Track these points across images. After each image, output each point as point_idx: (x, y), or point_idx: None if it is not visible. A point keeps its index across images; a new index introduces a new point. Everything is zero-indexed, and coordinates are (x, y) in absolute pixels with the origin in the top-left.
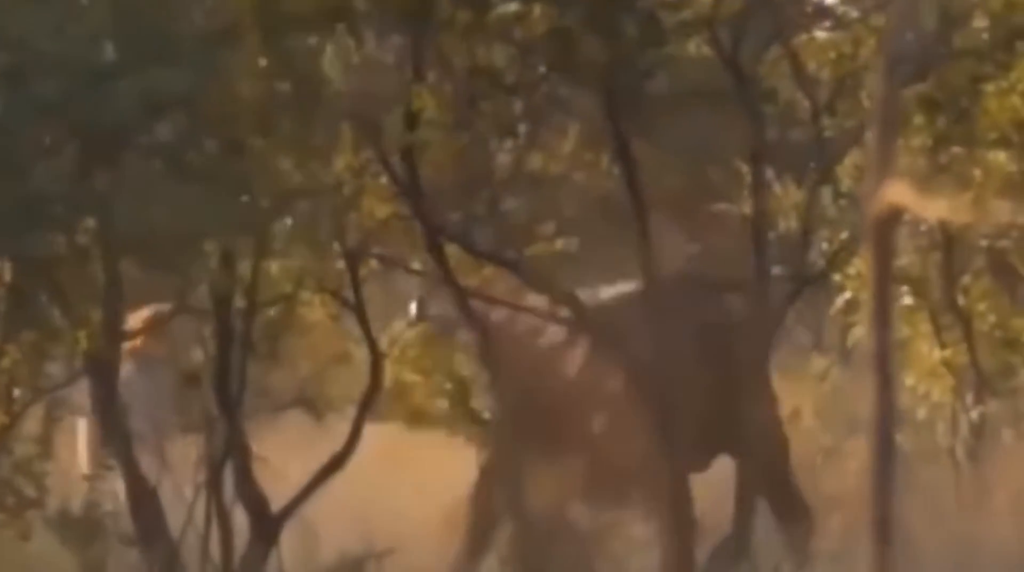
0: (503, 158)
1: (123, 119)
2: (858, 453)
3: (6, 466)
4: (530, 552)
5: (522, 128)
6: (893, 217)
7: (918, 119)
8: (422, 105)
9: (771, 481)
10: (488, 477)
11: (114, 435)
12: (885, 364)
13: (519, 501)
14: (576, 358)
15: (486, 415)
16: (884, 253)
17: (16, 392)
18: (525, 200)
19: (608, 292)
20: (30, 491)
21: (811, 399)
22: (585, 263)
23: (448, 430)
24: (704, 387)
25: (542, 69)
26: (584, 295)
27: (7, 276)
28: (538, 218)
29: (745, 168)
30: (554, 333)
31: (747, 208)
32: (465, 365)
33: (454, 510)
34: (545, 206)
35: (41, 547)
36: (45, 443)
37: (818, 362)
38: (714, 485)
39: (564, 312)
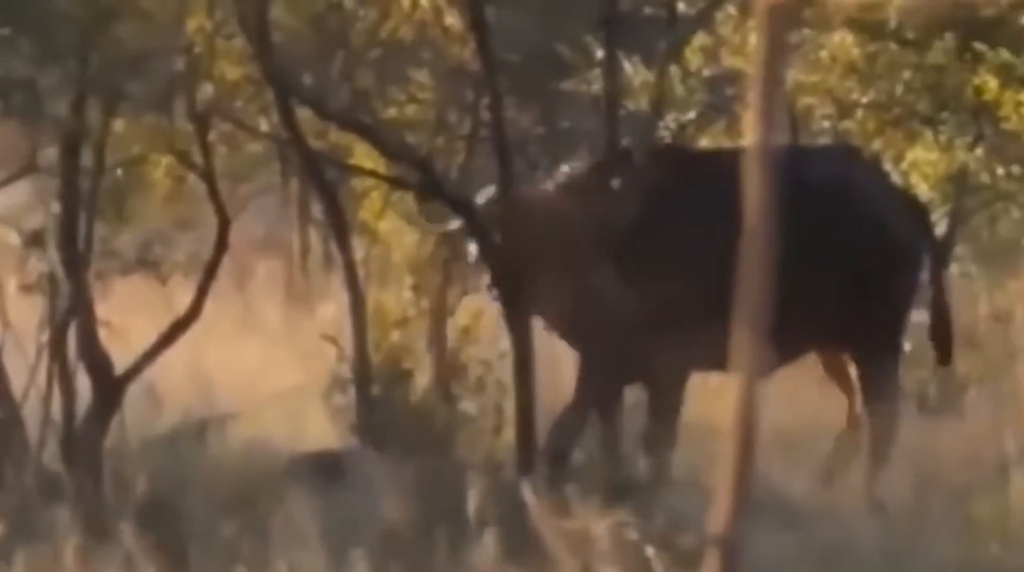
0: (358, 23)
1: None
2: None
3: None
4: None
5: None
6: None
7: None
8: None
9: None
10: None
11: None
12: (766, 154)
13: None
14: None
15: None
16: (776, 43)
17: None
18: (378, 65)
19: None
20: None
21: None
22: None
23: None
24: None
25: None
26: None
27: None
28: (391, 84)
29: (595, 44)
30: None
31: (596, 85)
32: None
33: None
34: (399, 72)
35: None
36: None
37: None
38: None
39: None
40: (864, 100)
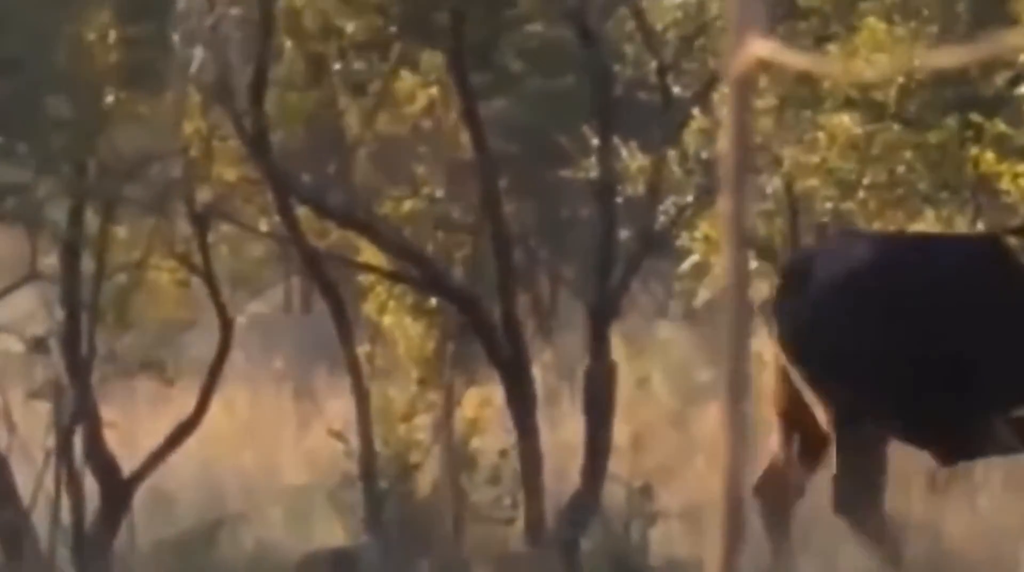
0: (353, 119)
1: None
2: (705, 420)
3: None
4: None
5: (372, 88)
6: (755, 70)
7: (762, 80)
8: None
9: None
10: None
11: None
12: (740, 224)
13: None
14: None
15: None
16: (744, 109)
17: None
18: (375, 161)
19: None
20: None
21: (659, 366)
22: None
23: None
24: None
25: (392, 29)
26: None
27: None
28: (388, 179)
29: (591, 132)
30: None
31: (593, 172)
32: None
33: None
34: (395, 167)
35: None
36: None
37: (664, 329)
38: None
39: None
40: (865, 181)
